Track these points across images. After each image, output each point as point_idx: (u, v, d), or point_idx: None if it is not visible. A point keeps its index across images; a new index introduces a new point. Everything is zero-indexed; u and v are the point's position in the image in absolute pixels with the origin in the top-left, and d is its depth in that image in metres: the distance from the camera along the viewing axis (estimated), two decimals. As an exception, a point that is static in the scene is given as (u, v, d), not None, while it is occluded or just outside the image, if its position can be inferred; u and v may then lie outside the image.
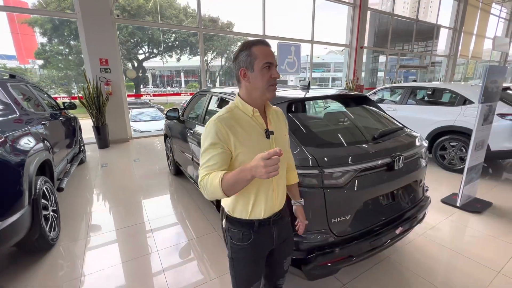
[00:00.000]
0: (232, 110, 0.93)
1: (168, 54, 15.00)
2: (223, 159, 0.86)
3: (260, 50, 0.88)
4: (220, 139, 0.86)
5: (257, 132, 0.92)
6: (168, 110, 3.12)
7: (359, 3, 9.16)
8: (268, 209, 0.97)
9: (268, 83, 0.89)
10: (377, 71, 11.85)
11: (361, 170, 1.41)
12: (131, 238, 2.32)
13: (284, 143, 1.02)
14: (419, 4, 11.60)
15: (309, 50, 9.07)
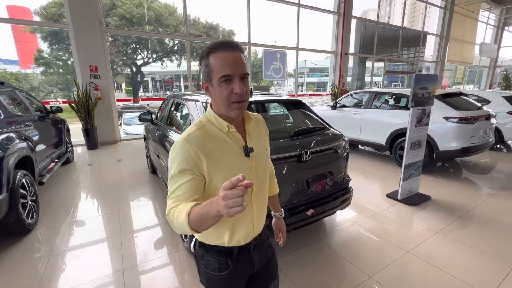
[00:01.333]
0: (203, 126, 0.79)
1: (168, 59, 15.48)
2: (194, 187, 0.72)
3: (217, 59, 0.72)
4: (190, 164, 0.72)
5: (234, 150, 0.79)
6: (142, 113, 3.46)
7: (343, 12, 9.56)
8: (248, 234, 0.86)
9: (228, 100, 0.73)
10: (364, 76, 12.21)
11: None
12: (101, 225, 2.65)
13: (266, 159, 0.91)
14: (404, 12, 12.00)
15: (296, 57, 9.45)
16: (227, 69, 0.71)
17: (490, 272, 1.95)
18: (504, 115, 5.13)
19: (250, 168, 0.82)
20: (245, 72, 0.74)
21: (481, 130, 3.84)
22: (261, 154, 0.87)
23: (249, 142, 0.84)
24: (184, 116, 2.41)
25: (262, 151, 0.88)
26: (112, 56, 13.31)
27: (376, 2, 10.89)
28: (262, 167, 0.88)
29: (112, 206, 3.07)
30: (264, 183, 0.90)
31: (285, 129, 2.22)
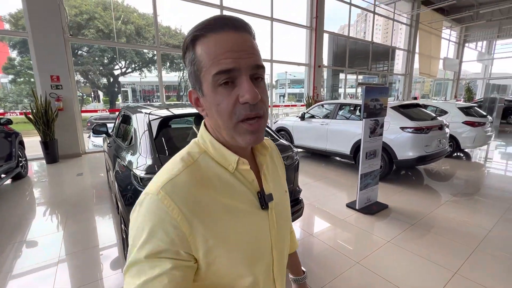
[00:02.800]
0: (195, 162, 0.47)
1: (147, 69, 15.25)
2: (182, 281, 0.39)
3: (207, 46, 0.42)
4: (171, 240, 0.40)
5: (245, 200, 0.49)
6: (96, 125, 3.31)
7: (315, 26, 9.94)
8: None
9: (232, 118, 0.43)
10: (338, 88, 12.64)
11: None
12: (45, 246, 2.45)
13: (287, 208, 0.60)
14: (373, 28, 12.69)
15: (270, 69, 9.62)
16: (225, 60, 0.41)
17: (432, 280, 1.98)
18: (459, 125, 5.44)
19: (270, 228, 0.51)
20: (257, 64, 0.43)
21: (435, 139, 4.03)
22: (282, 202, 0.56)
23: (266, 185, 0.52)
24: (129, 130, 2.33)
25: (282, 197, 0.57)
26: (88, 66, 12.95)
27: (352, 19, 11.44)
28: (284, 221, 0.57)
29: (60, 224, 2.86)
30: (286, 244, 0.59)
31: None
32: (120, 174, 1.95)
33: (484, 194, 3.75)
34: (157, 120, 1.92)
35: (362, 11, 12.26)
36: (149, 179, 1.60)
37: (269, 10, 8.86)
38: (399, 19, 13.68)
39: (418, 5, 13.66)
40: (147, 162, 1.68)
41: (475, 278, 1.98)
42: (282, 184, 0.61)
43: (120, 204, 1.88)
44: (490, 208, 3.24)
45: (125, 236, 1.88)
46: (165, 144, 1.82)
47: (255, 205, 0.50)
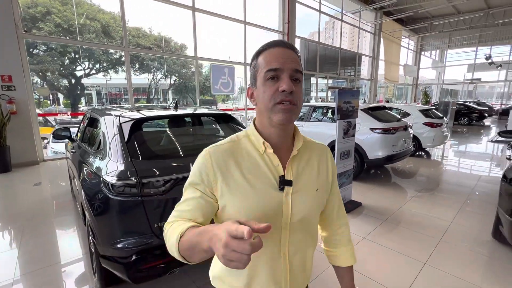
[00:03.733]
0: (238, 140, 0.67)
1: (114, 70, 14.37)
2: (200, 208, 0.62)
3: (265, 56, 0.61)
4: (203, 179, 0.63)
5: (265, 178, 0.63)
6: (58, 129, 3.03)
7: (287, 32, 10.19)
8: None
9: (272, 101, 0.59)
10: (310, 91, 13.05)
11: (184, 178, 1.61)
12: None
13: (313, 202, 0.69)
14: (341, 34, 13.35)
15: (244, 72, 9.64)
16: (275, 63, 0.59)
17: (405, 271, 2.08)
18: (420, 126, 5.89)
19: (283, 207, 0.63)
20: (296, 68, 0.60)
21: (401, 139, 4.31)
22: (306, 194, 0.67)
23: (288, 172, 0.65)
24: (97, 133, 2.15)
25: (309, 191, 0.67)
26: (47, 65, 11.86)
27: (321, 25, 11.91)
28: (306, 210, 0.67)
29: (13, 241, 2.54)
30: (307, 232, 0.69)
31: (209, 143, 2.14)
32: (87, 182, 1.79)
33: (444, 189, 4.08)
34: (129, 122, 1.79)
35: (330, 19, 12.84)
36: (122, 185, 1.48)
37: (242, 13, 8.91)
38: (364, 27, 14.56)
39: (380, 15, 14.66)
40: (118, 167, 1.56)
41: (443, 268, 2.13)
42: (316, 183, 0.70)
43: (88, 214, 1.72)
44: (450, 201, 3.53)
45: (93, 248, 1.73)
46: (138, 147, 1.70)
47: (273, 185, 0.64)
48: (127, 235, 1.52)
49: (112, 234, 1.53)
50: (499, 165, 5.51)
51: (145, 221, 1.52)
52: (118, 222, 1.52)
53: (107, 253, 1.55)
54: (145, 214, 1.51)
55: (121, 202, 1.49)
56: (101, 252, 1.60)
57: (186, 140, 2.23)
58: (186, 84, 15.74)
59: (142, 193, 1.49)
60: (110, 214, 1.53)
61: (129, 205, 1.50)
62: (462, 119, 13.06)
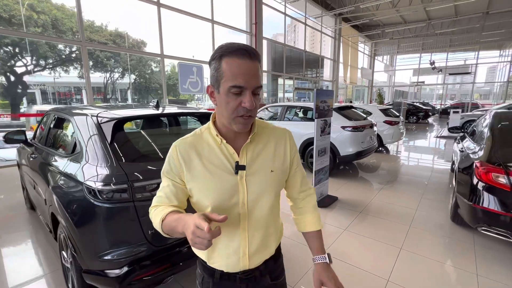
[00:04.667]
0: (201, 134, 0.77)
1: (64, 67, 12.93)
2: (173, 193, 0.75)
3: (230, 65, 0.63)
4: (172, 169, 0.75)
5: (221, 165, 0.73)
6: (10, 132, 2.64)
7: (254, 32, 10.28)
8: (232, 263, 0.78)
9: (233, 114, 0.66)
10: (278, 92, 13.35)
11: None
12: None
13: (267, 182, 0.77)
14: (305, 37, 13.91)
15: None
16: (240, 80, 0.63)
17: (385, 257, 2.26)
18: (381, 124, 6.42)
19: (239, 189, 0.74)
20: (258, 85, 0.66)
21: (368, 136, 4.65)
22: (260, 175, 0.75)
23: (243, 158, 0.74)
24: (68, 134, 1.93)
25: (262, 172, 0.76)
26: (-24, 59, 10.21)
27: (283, 28, 12.24)
28: (260, 190, 0.76)
29: (-44, 265, 2.15)
30: (263, 209, 0.77)
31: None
32: (63, 189, 1.59)
33: (405, 180, 4.50)
34: (110, 122, 1.64)
35: (292, 22, 13.29)
36: (111, 191, 1.35)
37: (209, 12, 8.75)
38: (325, 32, 15.37)
39: (340, 21, 15.62)
40: (102, 172, 1.42)
41: (416, 251, 2.35)
42: (271, 165, 0.78)
43: (64, 225, 1.53)
44: (412, 191, 3.91)
45: (72, 263, 1.54)
46: (125, 149, 1.57)
47: (229, 170, 0.73)
48: (117, 245, 1.39)
49: (99, 245, 1.39)
50: (444, 157, 6.26)
51: (138, 228, 1.41)
52: (107, 232, 1.38)
53: (93, 267, 1.40)
54: (137, 221, 1.40)
55: (109, 209, 1.36)
56: (84, 266, 1.44)
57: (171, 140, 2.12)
58: (147, 83, 14.91)
59: (134, 198, 1.38)
60: (96, 223, 1.38)
61: (119, 212, 1.37)
62: (411, 117, 14.53)
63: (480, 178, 2.21)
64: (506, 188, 2.04)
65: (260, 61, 0.69)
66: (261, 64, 0.69)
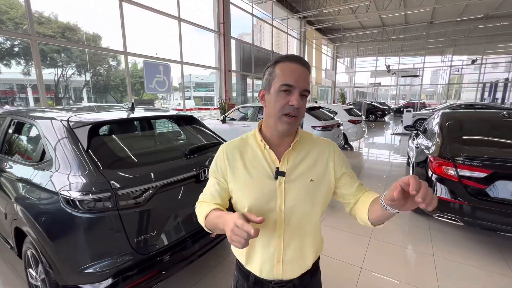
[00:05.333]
0: (247, 138, 0.82)
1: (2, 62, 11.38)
2: (217, 191, 0.80)
3: (283, 67, 0.71)
4: (218, 169, 0.80)
5: (262, 170, 0.76)
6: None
7: (223, 32, 10.21)
8: (266, 269, 0.78)
9: (280, 111, 0.70)
10: (247, 92, 13.44)
11: (164, 186, 1.51)
12: None
13: (302, 190, 0.76)
14: (272, 38, 14.20)
15: (180, 71, 9.21)
16: (290, 79, 0.69)
17: (358, 246, 2.45)
18: (346, 123, 6.85)
19: (277, 194, 0.75)
20: (306, 88, 0.71)
21: (335, 135, 4.95)
22: (299, 183, 0.76)
23: (284, 164, 0.76)
24: (32, 140, 1.77)
25: (302, 180, 0.76)
26: None
27: (248, 28, 12.36)
28: (298, 197, 0.76)
29: None
30: (300, 217, 0.77)
31: (179, 147, 2.03)
32: (31, 201, 1.46)
33: (368, 175, 4.89)
34: (85, 127, 1.54)
35: (257, 23, 13.48)
36: (92, 200, 1.28)
37: (176, 9, 8.48)
38: (291, 33, 15.85)
39: (304, 23, 16.24)
40: (82, 180, 1.33)
41: (383, 238, 2.59)
42: (311, 174, 0.78)
43: (35, 239, 1.40)
44: (376, 185, 4.27)
45: (44, 281, 1.42)
46: (104, 155, 1.49)
47: (269, 175, 0.76)
48: (100, 256, 1.32)
49: (80, 258, 1.31)
50: (400, 152, 6.93)
51: (123, 237, 1.35)
52: (88, 243, 1.31)
53: (73, 282, 1.32)
54: (122, 230, 1.34)
55: (91, 220, 1.29)
56: (61, 282, 1.34)
57: (150, 144, 2.06)
58: (107, 82, 13.94)
59: (118, 206, 1.33)
60: (75, 235, 1.30)
61: (102, 221, 1.31)
62: (370, 116, 15.70)
63: (433, 171, 2.52)
64: (455, 179, 2.35)
65: (310, 71, 0.74)
66: (310, 74, 0.74)
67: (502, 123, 2.80)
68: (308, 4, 14.35)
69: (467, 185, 2.28)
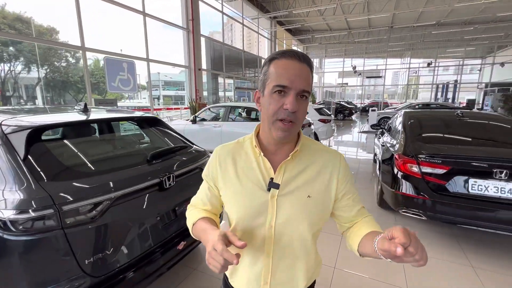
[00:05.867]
0: (242, 142, 0.75)
1: None
2: (207, 197, 0.76)
3: (277, 66, 0.61)
4: (210, 173, 0.74)
5: (255, 179, 0.68)
6: None
7: (191, 29, 9.88)
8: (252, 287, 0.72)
9: (274, 116, 0.61)
10: (218, 91, 13.20)
11: (121, 197, 1.34)
12: None
13: (296, 207, 0.67)
14: (243, 38, 14.12)
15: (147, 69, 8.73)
16: (284, 79, 0.60)
17: (331, 245, 2.47)
18: (316, 122, 7.00)
19: (268, 208, 0.67)
20: (304, 89, 0.61)
21: (307, 134, 5.00)
22: (294, 198, 0.67)
23: (279, 175, 0.67)
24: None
25: (298, 195, 0.67)
26: None
27: (218, 27, 12.13)
28: (291, 214, 0.67)
29: None
30: (292, 237, 0.68)
31: (141, 152, 1.85)
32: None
33: (339, 172, 5.02)
34: (23, 131, 1.31)
35: (228, 21, 13.33)
36: (29, 220, 1.08)
37: (140, 3, 8.00)
38: (262, 33, 15.90)
39: (275, 24, 16.39)
40: (16, 196, 1.12)
41: (354, 236, 2.64)
42: (309, 189, 0.68)
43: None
44: (346, 182, 4.39)
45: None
46: (45, 165, 1.28)
47: (262, 185, 0.68)
48: (42, 285, 1.13)
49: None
50: (366, 149, 7.27)
51: (71, 260, 1.17)
52: (26, 271, 1.11)
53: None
54: (70, 251, 1.16)
55: (28, 243, 1.09)
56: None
57: (107, 150, 1.85)
58: (65, 79, 12.79)
59: (63, 225, 1.14)
60: (9, 263, 1.09)
61: (44, 244, 1.12)
62: (338, 115, 16.35)
63: (399, 168, 2.62)
64: (418, 176, 2.47)
65: (312, 67, 0.64)
66: (312, 71, 0.64)
67: (457, 122, 3.02)
68: (278, 4, 14.50)
69: (429, 181, 2.40)
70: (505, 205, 2.10)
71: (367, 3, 13.59)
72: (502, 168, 2.11)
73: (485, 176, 2.19)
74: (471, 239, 2.57)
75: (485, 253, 2.34)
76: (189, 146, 2.12)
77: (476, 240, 2.55)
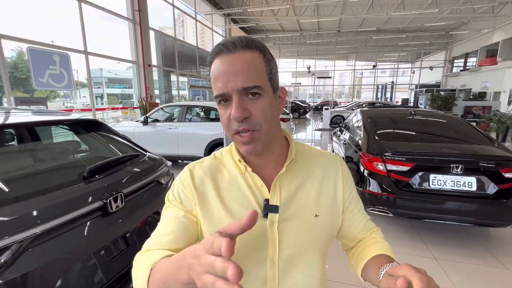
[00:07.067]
0: (221, 158, 0.58)
1: None
2: (181, 230, 0.50)
3: (212, 69, 0.47)
4: (181, 197, 0.54)
5: (245, 202, 0.52)
6: None
7: (138, 21, 8.99)
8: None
9: (229, 130, 0.49)
10: (171, 90, 12.37)
11: (44, 234, 0.96)
12: None
13: (304, 233, 0.52)
14: (197, 34, 13.51)
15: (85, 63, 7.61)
16: (218, 85, 0.47)
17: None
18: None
19: (268, 240, 0.50)
20: (244, 86, 0.45)
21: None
22: (300, 221, 0.52)
23: (275, 195, 0.52)
24: None
25: (303, 216, 0.53)
26: None
27: (170, 22, 11.34)
28: (299, 244, 0.52)
29: None
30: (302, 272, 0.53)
31: (75, 166, 1.42)
32: None
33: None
34: None
35: (179, 16, 12.60)
36: None
37: (74, -13, 6.91)
38: (216, 30, 15.44)
39: (229, 21, 16.08)
40: None
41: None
42: (315, 207, 0.54)
43: None
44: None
45: None
46: None
47: (257, 211, 0.49)
48: None
49: None
50: (321, 145, 7.55)
51: None
52: None
53: None
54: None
55: None
56: None
57: (26, 165, 1.37)
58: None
59: None
60: None
61: None
62: (294, 114, 16.88)
63: (365, 167, 2.64)
64: (383, 173, 2.51)
65: (260, 50, 0.48)
66: (263, 56, 0.48)
67: (411, 120, 3.20)
68: (232, 1, 14.23)
69: (394, 178, 2.45)
70: (461, 198, 2.24)
71: (316, 7, 14.23)
72: (458, 163, 2.25)
73: (443, 171, 2.31)
74: (431, 230, 2.73)
75: (444, 244, 2.49)
76: (141, 154, 1.75)
77: (435, 232, 2.71)
